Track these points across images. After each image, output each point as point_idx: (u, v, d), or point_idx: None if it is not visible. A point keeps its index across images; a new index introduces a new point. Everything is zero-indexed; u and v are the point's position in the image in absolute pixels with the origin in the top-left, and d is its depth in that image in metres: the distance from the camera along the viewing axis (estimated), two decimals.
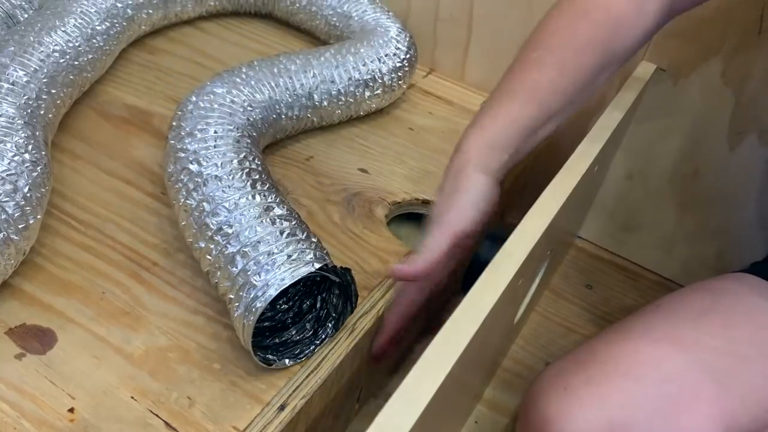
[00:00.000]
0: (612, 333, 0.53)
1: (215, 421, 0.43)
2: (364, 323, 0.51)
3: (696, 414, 0.47)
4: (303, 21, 0.83)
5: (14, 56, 0.59)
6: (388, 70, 0.69)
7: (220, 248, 0.46)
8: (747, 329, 0.52)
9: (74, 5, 0.68)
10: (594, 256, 0.90)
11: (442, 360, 0.36)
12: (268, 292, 0.42)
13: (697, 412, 0.47)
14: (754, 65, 0.69)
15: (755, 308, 0.54)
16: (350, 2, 0.78)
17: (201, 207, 0.48)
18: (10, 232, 0.46)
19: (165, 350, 0.47)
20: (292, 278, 0.43)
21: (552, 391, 0.50)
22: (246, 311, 0.43)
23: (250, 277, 0.43)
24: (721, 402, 0.48)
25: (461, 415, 0.63)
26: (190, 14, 0.83)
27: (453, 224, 0.49)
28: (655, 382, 0.48)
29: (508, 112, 0.52)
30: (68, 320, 0.48)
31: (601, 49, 0.52)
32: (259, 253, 0.44)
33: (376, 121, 0.72)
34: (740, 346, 0.51)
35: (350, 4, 0.78)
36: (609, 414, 0.47)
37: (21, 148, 0.51)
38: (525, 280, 0.53)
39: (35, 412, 0.42)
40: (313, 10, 0.80)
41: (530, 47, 0.54)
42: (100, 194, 0.58)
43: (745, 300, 0.55)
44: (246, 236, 0.45)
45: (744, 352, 0.51)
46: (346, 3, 0.78)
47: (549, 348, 0.75)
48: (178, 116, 0.56)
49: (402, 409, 0.34)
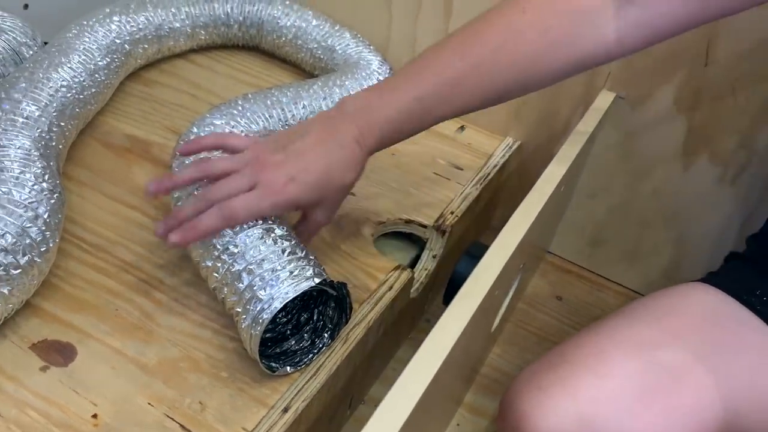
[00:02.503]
0: (580, 337, 0.59)
1: (225, 423, 0.48)
2: (356, 333, 0.56)
3: (657, 409, 0.53)
4: (289, 54, 0.88)
5: (26, 92, 0.63)
6: None
7: (226, 266, 0.50)
8: (701, 332, 0.58)
9: (77, 42, 0.72)
10: (563, 269, 0.96)
11: (427, 366, 0.41)
12: (274, 304, 0.47)
13: (658, 407, 0.53)
14: (703, 94, 0.76)
15: (709, 313, 0.60)
16: (333, 36, 0.84)
17: None
18: (33, 255, 0.51)
19: (176, 360, 0.51)
20: (295, 292, 0.48)
21: (527, 390, 0.55)
22: (253, 322, 0.48)
23: (256, 291, 0.48)
24: (680, 398, 0.53)
25: (444, 419, 0.68)
26: (182, 48, 0.88)
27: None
28: (619, 379, 0.53)
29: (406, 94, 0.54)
30: (86, 335, 0.52)
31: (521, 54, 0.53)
32: (263, 270, 0.49)
33: None
34: (695, 346, 0.57)
35: (334, 39, 0.83)
36: (579, 410, 0.52)
37: (39, 178, 0.56)
38: (501, 292, 0.58)
39: (62, 419, 0.46)
40: (298, 44, 0.86)
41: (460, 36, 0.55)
42: (107, 219, 0.62)
43: (700, 306, 0.61)
44: (251, 255, 0.50)
45: (699, 352, 0.56)
46: (329, 37, 0.84)
47: (524, 355, 0.80)
48: (181, 146, 0.60)
49: (391, 414, 0.38)
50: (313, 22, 0.85)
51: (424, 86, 0.53)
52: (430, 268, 0.69)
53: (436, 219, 0.69)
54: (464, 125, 0.88)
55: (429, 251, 0.69)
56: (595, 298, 0.92)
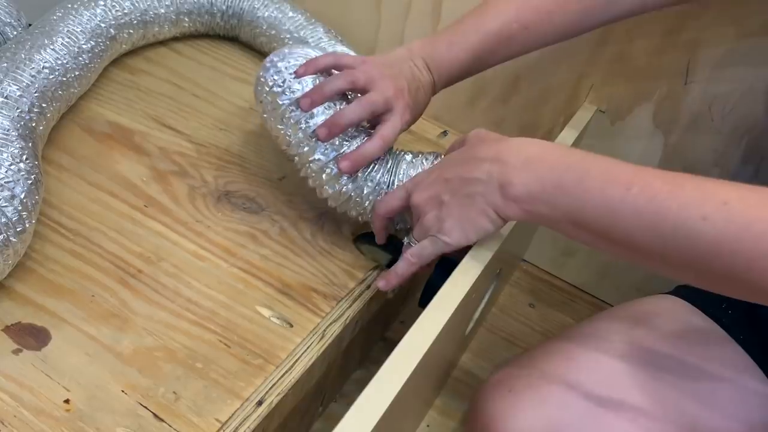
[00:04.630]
0: (551, 343, 0.60)
1: (199, 414, 0.48)
2: (333, 330, 0.56)
3: (623, 417, 0.54)
4: (264, 44, 0.89)
5: (7, 72, 0.62)
6: None
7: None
8: (668, 343, 0.60)
9: (61, 25, 0.72)
10: (537, 278, 0.97)
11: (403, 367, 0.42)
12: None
13: (623, 416, 0.54)
14: (681, 111, 0.78)
15: (676, 325, 0.62)
16: (306, 29, 0.85)
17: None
18: (9, 234, 0.50)
19: (152, 349, 0.51)
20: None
21: (497, 394, 0.56)
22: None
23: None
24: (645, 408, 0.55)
25: (415, 419, 0.69)
26: (166, 35, 0.87)
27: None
28: (588, 386, 0.55)
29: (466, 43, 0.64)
30: (61, 320, 0.52)
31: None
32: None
33: None
34: (662, 357, 0.58)
35: (306, 31, 0.84)
36: (547, 414, 0.54)
37: (16, 158, 0.55)
38: (477, 295, 0.59)
39: (33, 403, 0.46)
40: (272, 34, 0.87)
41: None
42: (87, 205, 0.62)
43: (667, 318, 0.63)
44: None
45: (664, 362, 0.58)
46: (302, 29, 0.85)
47: (495, 360, 0.82)
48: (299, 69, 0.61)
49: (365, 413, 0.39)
50: (289, 14, 0.86)
51: (479, 38, 0.64)
52: None
53: None
54: (447, 130, 0.89)
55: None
56: (567, 307, 0.93)
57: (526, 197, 0.48)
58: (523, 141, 0.51)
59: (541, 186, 0.48)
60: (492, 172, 0.50)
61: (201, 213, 0.64)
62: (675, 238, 0.42)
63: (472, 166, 0.51)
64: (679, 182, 0.43)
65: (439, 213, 0.53)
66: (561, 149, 0.50)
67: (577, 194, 0.46)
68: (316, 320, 0.57)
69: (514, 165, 0.49)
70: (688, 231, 0.42)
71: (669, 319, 0.62)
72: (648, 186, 0.43)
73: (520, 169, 0.49)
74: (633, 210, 0.44)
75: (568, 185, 0.47)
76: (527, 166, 0.48)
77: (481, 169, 0.50)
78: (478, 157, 0.51)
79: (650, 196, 0.43)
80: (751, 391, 0.56)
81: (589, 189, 0.46)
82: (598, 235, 0.47)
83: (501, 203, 0.50)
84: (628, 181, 0.44)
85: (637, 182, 0.44)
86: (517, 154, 0.49)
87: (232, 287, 0.58)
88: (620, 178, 0.45)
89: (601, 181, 0.45)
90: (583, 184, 0.46)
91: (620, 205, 0.44)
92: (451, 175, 0.52)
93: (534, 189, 0.48)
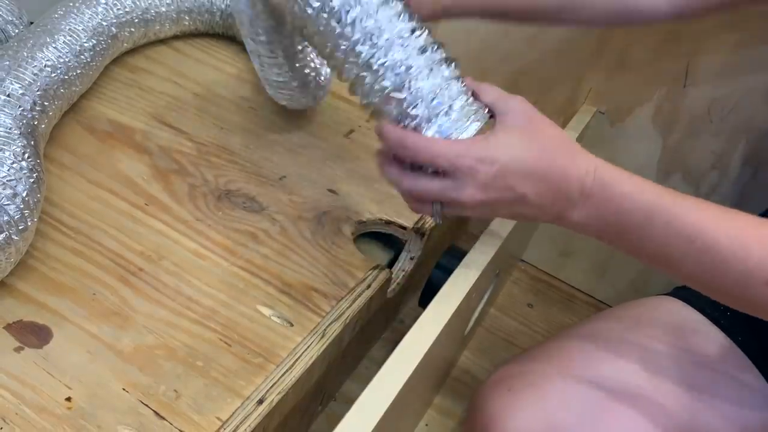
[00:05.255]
0: (551, 343, 0.60)
1: (200, 412, 0.48)
2: (333, 329, 0.56)
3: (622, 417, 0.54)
4: None
5: (10, 70, 0.63)
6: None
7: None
8: (666, 344, 0.60)
9: (63, 23, 0.72)
10: (535, 278, 0.98)
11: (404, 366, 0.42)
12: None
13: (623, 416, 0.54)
14: (679, 114, 0.79)
15: (674, 326, 0.62)
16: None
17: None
18: (11, 232, 0.50)
19: (152, 348, 0.52)
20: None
21: (497, 393, 0.56)
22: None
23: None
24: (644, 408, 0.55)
25: (415, 419, 0.69)
26: (167, 33, 0.87)
27: None
28: (587, 387, 0.55)
29: None
30: (62, 318, 0.52)
31: None
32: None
33: (344, 146, 0.78)
34: (660, 358, 0.59)
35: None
36: (546, 414, 0.54)
37: (18, 156, 0.55)
38: (476, 295, 0.59)
39: (35, 400, 0.46)
40: None
41: None
42: (88, 203, 0.62)
43: (666, 319, 0.63)
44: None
45: (663, 363, 0.58)
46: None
47: (493, 359, 0.82)
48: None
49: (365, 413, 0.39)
50: None
51: None
52: (407, 269, 0.69)
53: (416, 221, 0.70)
54: None
55: (407, 253, 0.70)
56: (565, 307, 0.94)
57: (582, 230, 0.48)
58: (582, 164, 0.46)
59: (599, 227, 0.47)
60: (555, 202, 0.47)
61: (201, 212, 0.64)
62: (736, 289, 0.44)
63: (541, 188, 0.46)
64: (745, 243, 0.43)
65: (483, 214, 0.49)
66: (619, 181, 0.46)
67: (636, 240, 0.46)
68: (316, 319, 0.57)
69: (574, 199, 0.46)
70: (750, 292, 0.43)
71: (668, 320, 0.62)
72: (712, 241, 0.43)
73: (579, 204, 0.46)
74: (694, 263, 0.44)
75: (629, 231, 0.46)
76: (588, 201, 0.46)
77: (546, 196, 0.46)
78: (549, 179, 0.46)
79: (714, 253, 0.43)
80: (749, 392, 0.56)
81: (652, 239, 0.45)
82: (651, 266, 0.48)
83: (550, 222, 0.49)
84: (692, 232, 0.44)
85: (701, 235, 0.43)
86: (579, 183, 0.46)
87: (233, 286, 0.58)
88: (684, 229, 0.44)
89: (665, 232, 0.44)
90: (644, 233, 0.45)
91: (682, 256, 0.44)
92: (518, 188, 0.46)
93: (591, 227, 0.47)
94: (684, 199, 0.45)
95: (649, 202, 0.45)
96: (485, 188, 0.46)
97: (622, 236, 0.46)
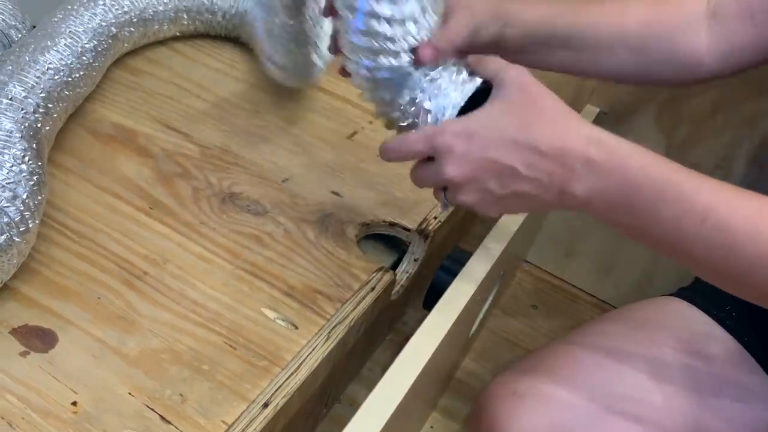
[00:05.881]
0: (556, 345, 0.60)
1: (206, 416, 0.48)
2: (338, 332, 0.56)
3: (626, 419, 0.54)
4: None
5: (12, 74, 0.63)
6: None
7: None
8: (672, 345, 0.60)
9: (62, 26, 0.72)
10: (539, 279, 0.97)
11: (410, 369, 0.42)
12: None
13: (627, 418, 0.54)
14: (683, 115, 0.79)
15: (680, 327, 0.62)
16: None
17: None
18: (12, 234, 0.50)
19: (158, 352, 0.52)
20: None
21: (501, 395, 0.56)
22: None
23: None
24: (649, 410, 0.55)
25: (419, 422, 0.69)
26: (166, 33, 0.87)
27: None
28: (592, 389, 0.55)
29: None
30: (67, 322, 0.52)
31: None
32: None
33: (348, 148, 0.78)
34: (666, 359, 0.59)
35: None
36: (551, 417, 0.54)
37: (18, 160, 0.55)
38: (481, 297, 0.59)
39: (41, 405, 0.46)
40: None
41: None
42: (92, 207, 0.62)
43: (671, 320, 0.63)
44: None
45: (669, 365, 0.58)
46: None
47: (497, 361, 0.82)
48: None
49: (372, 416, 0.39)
50: None
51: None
52: (411, 271, 0.69)
53: (419, 223, 0.70)
54: None
55: (411, 255, 0.70)
56: (569, 308, 0.94)
57: (587, 207, 0.45)
58: (583, 133, 0.44)
59: (606, 202, 0.44)
60: (553, 174, 0.44)
61: (205, 215, 0.64)
62: (747, 275, 0.42)
63: (530, 159, 0.44)
64: (758, 220, 0.41)
65: (482, 197, 0.47)
66: (626, 153, 0.44)
67: (647, 218, 0.43)
68: (321, 322, 0.57)
69: (577, 170, 0.43)
70: (760, 278, 0.42)
71: (673, 322, 0.62)
72: (725, 222, 0.41)
73: (583, 176, 0.43)
74: (706, 243, 0.42)
75: (639, 209, 0.43)
76: (590, 172, 0.43)
77: (539, 169, 0.44)
78: (538, 150, 0.44)
79: (726, 234, 0.41)
80: (754, 393, 0.56)
81: (661, 217, 0.43)
82: (659, 250, 0.45)
83: (557, 204, 0.46)
84: (704, 210, 0.42)
85: (713, 214, 0.41)
86: (581, 153, 0.43)
87: (237, 289, 0.58)
88: (696, 207, 0.42)
89: (676, 210, 0.42)
90: (655, 210, 0.43)
91: (693, 237, 0.42)
92: (502, 160, 0.44)
93: (598, 203, 0.44)
94: (697, 176, 0.43)
95: (660, 176, 0.43)
96: (466, 162, 0.45)
97: (630, 211, 0.44)
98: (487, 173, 0.45)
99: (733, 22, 0.57)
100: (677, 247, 0.44)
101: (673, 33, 0.57)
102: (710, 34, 0.57)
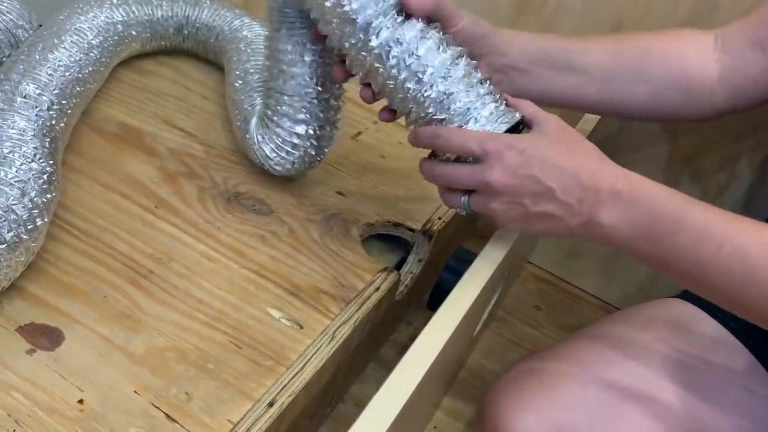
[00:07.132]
0: (560, 345, 0.60)
1: (211, 414, 0.48)
2: (343, 332, 0.57)
3: (630, 419, 0.54)
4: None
5: (25, 73, 0.63)
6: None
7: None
8: (676, 347, 0.60)
9: (68, 24, 0.72)
10: (543, 280, 0.97)
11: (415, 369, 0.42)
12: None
13: (631, 418, 0.54)
14: None
15: (684, 329, 0.62)
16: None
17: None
18: (20, 231, 0.51)
19: (163, 350, 0.52)
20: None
21: (507, 393, 0.56)
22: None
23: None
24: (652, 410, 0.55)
25: (423, 421, 0.69)
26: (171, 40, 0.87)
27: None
28: (598, 388, 0.55)
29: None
30: (74, 321, 0.52)
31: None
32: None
33: (352, 149, 0.79)
34: (669, 361, 0.59)
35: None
36: (556, 415, 0.54)
37: (28, 158, 0.55)
38: (486, 297, 0.59)
39: (48, 403, 0.46)
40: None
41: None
42: (99, 206, 0.62)
43: (677, 321, 0.63)
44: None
45: (672, 366, 0.58)
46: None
47: (501, 361, 0.82)
48: None
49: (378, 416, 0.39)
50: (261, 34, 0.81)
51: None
52: (415, 271, 0.70)
53: (424, 223, 0.70)
54: None
55: (415, 255, 0.70)
56: (572, 309, 0.94)
57: (611, 236, 0.47)
58: (613, 170, 0.48)
59: (630, 232, 0.47)
60: (584, 201, 0.47)
61: (211, 214, 0.65)
62: (763, 298, 0.44)
63: (568, 184, 0.47)
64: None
65: (513, 210, 0.49)
66: (650, 188, 0.47)
67: (667, 247, 0.46)
68: (325, 322, 0.57)
69: (605, 201, 0.47)
70: None
71: (677, 323, 0.62)
72: (741, 249, 0.44)
73: (610, 206, 0.47)
74: (723, 270, 0.44)
75: (660, 237, 0.46)
76: (617, 202, 0.46)
77: (573, 195, 0.47)
78: (577, 178, 0.47)
79: (743, 260, 0.44)
80: (759, 395, 0.56)
81: (680, 245, 0.45)
82: (678, 278, 0.48)
83: (579, 231, 0.49)
84: (721, 237, 0.44)
85: (729, 242, 0.44)
86: (611, 185, 0.47)
87: (243, 288, 0.58)
88: (714, 235, 0.44)
89: (694, 238, 0.45)
90: (674, 239, 0.45)
91: (710, 263, 0.45)
92: (543, 180, 0.47)
93: (622, 234, 0.47)
94: (715, 209, 0.46)
95: (680, 208, 0.46)
96: (512, 173, 0.47)
97: (651, 241, 0.46)
98: (526, 189, 0.48)
99: (743, 53, 0.59)
100: (695, 274, 0.46)
101: (682, 64, 0.60)
102: (720, 66, 0.60)
